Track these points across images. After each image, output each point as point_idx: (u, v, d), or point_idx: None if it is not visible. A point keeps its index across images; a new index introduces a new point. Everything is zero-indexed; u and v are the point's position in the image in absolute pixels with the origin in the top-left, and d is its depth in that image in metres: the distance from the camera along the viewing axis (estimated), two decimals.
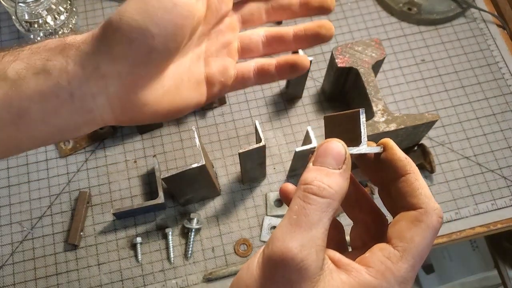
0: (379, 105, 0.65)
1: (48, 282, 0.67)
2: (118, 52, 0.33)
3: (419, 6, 0.84)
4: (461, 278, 1.31)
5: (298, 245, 0.26)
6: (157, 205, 0.68)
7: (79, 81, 0.33)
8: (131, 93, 0.34)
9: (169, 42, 0.33)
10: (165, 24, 0.32)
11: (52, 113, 0.33)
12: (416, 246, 0.28)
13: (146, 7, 0.32)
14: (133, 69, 0.33)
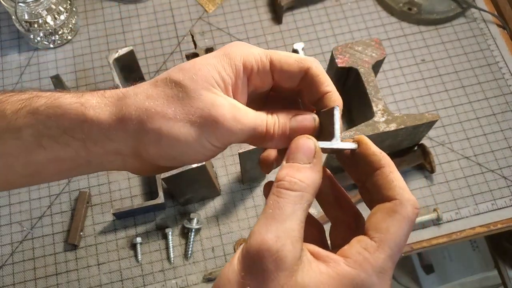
0: (379, 105, 0.65)
1: (48, 282, 0.67)
2: (146, 153, 0.32)
3: (419, 6, 0.84)
4: (461, 278, 1.31)
5: (273, 237, 0.27)
6: (157, 205, 0.68)
7: (99, 156, 0.33)
8: (147, 169, 0.35)
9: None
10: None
11: (67, 171, 0.34)
12: (392, 237, 0.28)
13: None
14: (151, 166, 0.34)
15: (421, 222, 0.70)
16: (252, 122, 0.32)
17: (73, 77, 0.80)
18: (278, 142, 0.33)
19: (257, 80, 0.34)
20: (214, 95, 0.31)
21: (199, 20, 0.85)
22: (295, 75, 0.34)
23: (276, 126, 0.32)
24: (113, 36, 0.83)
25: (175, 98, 0.31)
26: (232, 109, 0.31)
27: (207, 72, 0.31)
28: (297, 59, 0.33)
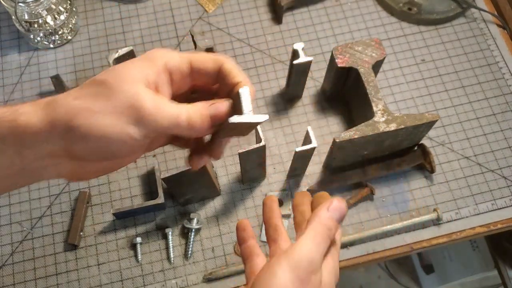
0: (379, 105, 0.65)
1: (48, 282, 0.67)
2: (76, 151, 0.34)
3: (419, 6, 0.84)
4: (461, 278, 1.31)
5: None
6: (157, 205, 0.68)
7: (33, 161, 0.34)
8: (81, 171, 0.36)
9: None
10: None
11: (2, 179, 0.35)
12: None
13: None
14: (88, 163, 0.35)
15: (421, 222, 0.70)
16: (174, 111, 0.34)
17: (73, 77, 0.80)
18: (201, 129, 0.36)
19: (178, 79, 0.37)
20: (137, 88, 0.33)
21: (199, 20, 0.85)
22: (211, 72, 0.37)
23: (198, 114, 0.35)
24: (113, 36, 0.83)
25: (101, 95, 0.33)
26: (155, 99, 0.34)
27: (130, 72, 0.34)
28: (211, 57, 0.37)
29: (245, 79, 0.37)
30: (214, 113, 0.36)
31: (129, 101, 0.33)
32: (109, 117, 0.32)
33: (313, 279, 0.34)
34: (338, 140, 0.62)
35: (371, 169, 0.71)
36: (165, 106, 0.34)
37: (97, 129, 0.32)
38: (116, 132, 0.33)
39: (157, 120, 0.33)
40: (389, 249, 0.69)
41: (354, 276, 1.47)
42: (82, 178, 0.37)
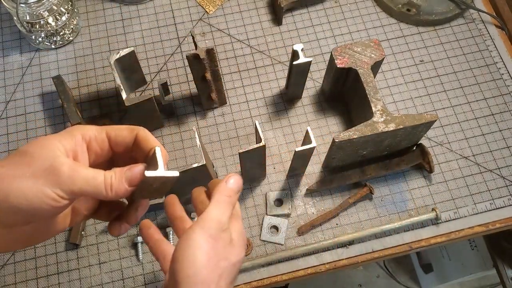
0: (378, 106, 0.65)
1: (49, 281, 0.67)
2: (0, 216, 0.36)
3: (418, 7, 0.85)
4: (460, 277, 1.32)
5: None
6: (158, 205, 0.68)
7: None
8: (10, 238, 0.38)
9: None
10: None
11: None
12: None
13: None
14: (15, 229, 0.37)
15: (420, 222, 0.70)
16: (91, 173, 0.37)
17: (75, 77, 0.80)
18: (118, 190, 0.38)
19: (97, 149, 0.41)
20: (55, 154, 0.37)
21: (200, 21, 0.85)
22: (127, 141, 0.41)
23: (113, 178, 0.38)
24: (114, 37, 0.83)
25: (23, 162, 0.36)
26: (71, 164, 0.37)
27: (50, 142, 0.37)
28: (127, 128, 0.41)
29: (158, 144, 0.41)
30: (129, 175, 0.39)
31: (47, 165, 0.36)
32: (28, 181, 0.35)
33: (223, 236, 0.41)
34: (337, 140, 0.62)
35: (370, 169, 0.72)
36: (82, 169, 0.37)
37: (17, 191, 0.35)
38: (34, 193, 0.35)
39: (74, 181, 0.36)
40: (388, 248, 0.70)
41: (353, 275, 1.47)
42: (11, 248, 0.39)
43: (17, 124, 0.77)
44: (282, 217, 0.71)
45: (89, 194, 0.38)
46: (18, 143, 0.75)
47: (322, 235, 0.70)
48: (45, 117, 0.77)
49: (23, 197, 0.35)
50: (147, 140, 0.41)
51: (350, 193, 0.72)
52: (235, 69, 0.81)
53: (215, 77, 0.70)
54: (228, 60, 0.82)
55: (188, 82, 0.80)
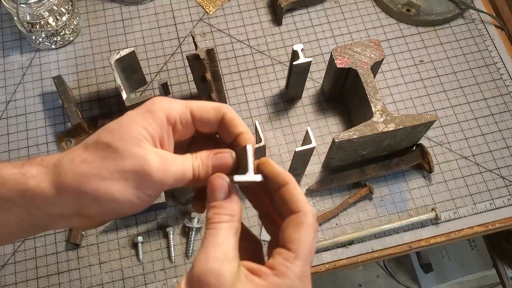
0: (378, 106, 0.65)
1: (50, 281, 0.67)
2: (86, 213, 0.35)
3: (417, 7, 0.85)
4: (459, 277, 1.32)
5: (213, 258, 0.32)
6: (158, 205, 0.68)
7: (42, 219, 0.35)
8: (90, 223, 0.37)
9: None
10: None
11: (14, 234, 0.36)
12: (304, 244, 0.33)
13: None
14: (96, 221, 0.37)
15: (420, 221, 0.70)
16: (181, 170, 0.35)
17: (75, 78, 0.80)
18: (204, 180, 0.36)
19: (181, 130, 0.38)
20: (144, 150, 0.34)
21: (200, 21, 0.85)
22: (213, 122, 0.38)
23: (201, 167, 0.36)
24: (114, 37, 0.84)
25: (108, 159, 0.34)
26: (161, 161, 0.34)
27: (135, 130, 0.34)
28: (213, 107, 0.38)
29: (246, 129, 0.38)
30: (216, 164, 0.37)
31: (136, 166, 0.33)
32: (117, 183, 0.33)
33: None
34: (337, 140, 0.62)
35: (370, 169, 0.72)
36: (171, 167, 0.35)
37: (106, 195, 0.33)
38: (124, 197, 0.34)
39: (164, 182, 0.34)
40: (388, 248, 0.70)
41: (353, 275, 1.48)
42: (90, 227, 0.39)
43: (17, 124, 0.77)
44: None
45: (178, 186, 0.36)
46: (18, 143, 0.75)
47: (322, 235, 0.70)
48: (45, 117, 0.77)
49: (113, 201, 0.34)
50: (234, 123, 0.38)
51: (350, 193, 0.72)
52: (235, 69, 0.81)
53: (215, 77, 0.70)
54: (228, 60, 0.82)
55: (188, 82, 0.80)
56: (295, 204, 0.35)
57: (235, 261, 0.33)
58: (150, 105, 0.36)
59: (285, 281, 0.32)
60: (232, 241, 0.34)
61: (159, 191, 0.35)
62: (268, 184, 0.37)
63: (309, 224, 0.34)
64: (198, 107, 0.37)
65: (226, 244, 0.33)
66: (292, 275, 0.32)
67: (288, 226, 0.34)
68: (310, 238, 0.34)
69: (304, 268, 0.33)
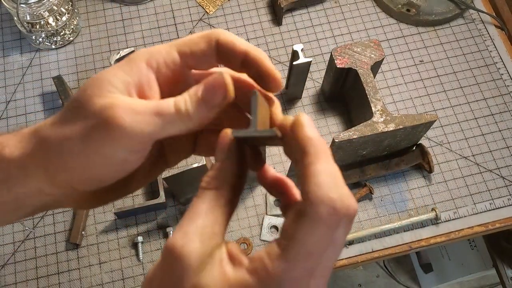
0: (378, 106, 0.65)
1: (50, 281, 0.67)
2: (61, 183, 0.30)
3: (417, 7, 0.85)
4: (459, 277, 1.32)
5: (181, 233, 0.26)
6: (158, 205, 0.68)
7: (25, 196, 0.31)
8: (87, 200, 0.33)
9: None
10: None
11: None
12: (299, 244, 0.24)
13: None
14: (87, 193, 0.32)
15: (420, 221, 0.70)
16: (154, 107, 0.28)
17: (75, 78, 0.80)
18: (197, 114, 0.29)
19: (168, 73, 0.31)
20: (106, 99, 0.28)
21: (200, 21, 0.85)
22: (207, 52, 0.31)
23: (188, 100, 0.29)
24: (114, 37, 0.84)
25: (72, 116, 0.29)
26: (127, 105, 0.28)
27: (102, 79, 0.29)
28: (202, 36, 0.31)
29: (250, 47, 0.31)
30: (206, 91, 0.29)
31: (97, 118, 0.28)
32: (80, 142, 0.28)
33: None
34: (337, 140, 0.62)
35: (370, 169, 0.72)
36: (143, 106, 0.28)
37: (72, 158, 0.28)
38: (92, 157, 0.28)
39: (135, 128, 0.28)
40: (388, 248, 0.70)
41: (353, 275, 1.48)
42: (89, 206, 0.34)
43: (17, 124, 0.77)
44: (282, 217, 0.71)
45: (166, 135, 0.29)
46: None
47: None
48: (45, 117, 0.77)
49: (81, 165, 0.29)
50: (233, 45, 0.31)
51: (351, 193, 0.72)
52: None
53: None
54: None
55: None
56: (306, 185, 0.25)
57: (213, 239, 0.26)
58: (133, 54, 0.31)
59: (254, 282, 0.24)
60: (215, 213, 0.27)
61: (136, 145, 0.29)
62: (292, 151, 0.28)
63: (315, 219, 0.24)
64: (184, 41, 0.31)
65: (205, 217, 0.26)
66: (266, 278, 0.24)
67: (288, 215, 0.26)
68: (312, 238, 0.24)
69: (289, 275, 0.24)
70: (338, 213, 0.24)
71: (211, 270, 0.25)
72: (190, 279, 0.25)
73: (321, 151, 0.26)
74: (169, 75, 0.31)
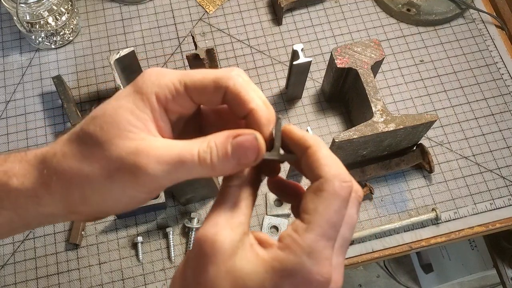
0: (378, 106, 0.65)
1: (49, 281, 0.67)
2: (78, 213, 0.32)
3: (418, 7, 0.85)
4: (460, 277, 1.32)
5: (212, 223, 0.29)
6: (158, 205, 0.68)
7: (34, 218, 0.32)
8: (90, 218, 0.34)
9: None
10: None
11: (7, 233, 0.34)
12: (321, 215, 0.28)
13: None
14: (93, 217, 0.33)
15: (420, 222, 0.70)
16: (177, 156, 0.29)
17: (75, 77, 0.80)
18: (224, 168, 0.30)
19: (176, 107, 0.31)
20: (129, 142, 0.29)
21: (200, 21, 0.85)
22: (213, 97, 0.31)
23: (214, 153, 0.29)
24: (114, 37, 0.83)
25: (89, 153, 0.29)
26: (152, 150, 0.29)
27: (120, 117, 0.29)
28: (214, 79, 0.30)
29: (257, 104, 0.31)
30: (237, 148, 0.29)
31: (121, 162, 0.28)
32: (103, 181, 0.29)
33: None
34: (337, 140, 0.62)
35: (370, 169, 0.72)
36: (165, 155, 0.29)
37: (93, 196, 0.30)
38: (114, 198, 0.30)
39: (158, 176, 0.29)
40: (388, 248, 0.70)
41: (353, 275, 1.48)
42: (90, 221, 0.35)
43: (17, 124, 0.77)
44: (282, 217, 0.71)
45: (186, 178, 0.30)
46: (17, 143, 0.75)
47: None
48: (45, 117, 0.77)
49: (102, 202, 0.30)
50: (240, 98, 0.30)
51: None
52: None
53: None
54: (228, 60, 0.82)
55: None
56: (316, 169, 0.29)
57: (240, 227, 0.29)
58: (139, 81, 0.31)
59: (288, 256, 0.27)
60: (240, 206, 0.30)
61: (156, 187, 0.30)
62: (294, 152, 0.32)
63: (331, 192, 0.28)
64: (194, 80, 0.31)
65: (232, 209, 0.29)
66: (298, 249, 0.27)
67: (306, 195, 0.29)
68: (331, 209, 0.28)
69: (317, 243, 0.27)
70: (347, 184, 0.29)
71: (243, 253, 0.28)
72: (225, 263, 0.28)
73: (319, 141, 0.31)
74: (177, 109, 0.32)
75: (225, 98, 0.31)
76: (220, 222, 0.29)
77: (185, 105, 0.32)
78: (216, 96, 0.31)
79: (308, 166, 0.30)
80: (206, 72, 0.31)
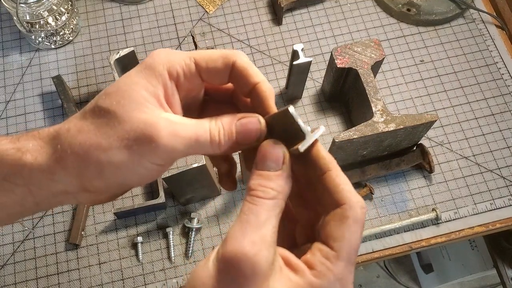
0: (378, 106, 0.65)
1: (49, 281, 0.67)
2: (92, 188, 0.32)
3: (418, 7, 0.84)
4: (460, 277, 1.32)
5: (250, 242, 0.28)
6: (158, 205, 0.68)
7: (46, 198, 0.32)
8: (98, 198, 0.34)
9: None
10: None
11: (17, 214, 0.34)
12: (348, 242, 0.29)
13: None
14: (104, 195, 0.34)
15: (420, 222, 0.70)
16: (193, 133, 0.31)
17: (75, 77, 0.80)
18: (226, 148, 0.32)
19: (186, 84, 0.33)
20: (146, 114, 0.30)
21: (200, 21, 0.85)
22: (222, 71, 0.33)
23: (222, 133, 0.32)
24: (114, 37, 0.83)
25: (107, 127, 0.30)
26: (169, 124, 0.30)
27: (134, 93, 0.31)
28: (222, 55, 0.33)
29: (262, 78, 0.33)
30: (242, 130, 0.32)
31: (140, 132, 0.30)
32: (120, 152, 0.30)
33: None
34: (337, 140, 0.62)
35: (370, 169, 0.72)
36: (181, 130, 0.31)
37: (111, 165, 0.30)
38: (131, 167, 0.30)
39: (174, 148, 0.30)
40: (388, 248, 0.70)
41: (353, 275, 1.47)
42: (99, 202, 0.36)
43: (17, 124, 0.77)
44: None
45: (194, 153, 0.32)
46: None
47: None
48: (45, 117, 0.77)
49: (118, 174, 0.30)
50: (246, 72, 0.33)
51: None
52: None
53: None
54: None
55: None
56: (339, 194, 0.30)
57: (273, 247, 0.29)
58: (149, 59, 0.32)
59: (323, 282, 0.28)
60: (273, 223, 0.29)
61: (169, 159, 0.31)
62: (308, 168, 0.32)
63: (356, 219, 0.29)
64: (204, 56, 0.33)
65: (267, 227, 0.29)
66: (332, 277, 0.29)
67: (331, 221, 0.30)
68: (355, 236, 0.29)
69: (345, 269, 0.29)
70: (365, 210, 0.30)
71: (276, 276, 0.28)
72: (262, 287, 0.28)
73: (338, 166, 0.31)
74: (187, 86, 0.33)
75: (231, 74, 0.33)
76: (257, 241, 0.28)
77: (194, 82, 0.33)
78: (224, 72, 0.33)
79: (327, 188, 0.31)
80: (212, 50, 0.33)
